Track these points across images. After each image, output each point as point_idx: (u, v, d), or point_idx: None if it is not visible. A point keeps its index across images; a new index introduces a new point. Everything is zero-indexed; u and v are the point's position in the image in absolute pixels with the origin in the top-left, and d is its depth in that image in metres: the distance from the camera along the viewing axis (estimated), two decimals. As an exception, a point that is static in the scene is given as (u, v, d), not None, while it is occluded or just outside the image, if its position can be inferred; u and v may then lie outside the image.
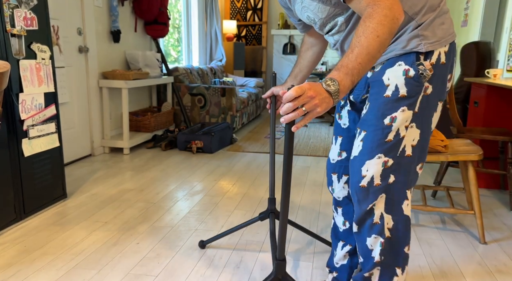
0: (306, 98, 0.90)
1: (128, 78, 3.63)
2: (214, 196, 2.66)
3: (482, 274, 1.76)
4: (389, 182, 1.16)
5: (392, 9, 0.95)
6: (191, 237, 2.05)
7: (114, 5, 3.75)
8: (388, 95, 1.12)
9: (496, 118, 2.81)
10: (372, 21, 0.95)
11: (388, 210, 1.19)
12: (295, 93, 0.89)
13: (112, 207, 2.43)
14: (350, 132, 1.37)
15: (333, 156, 1.43)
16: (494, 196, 2.76)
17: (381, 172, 1.15)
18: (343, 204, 1.45)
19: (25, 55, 2.14)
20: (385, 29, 0.94)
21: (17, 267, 1.74)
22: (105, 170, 3.18)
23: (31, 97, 2.19)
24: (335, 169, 1.42)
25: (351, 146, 1.37)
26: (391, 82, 1.12)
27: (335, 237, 1.52)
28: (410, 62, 1.10)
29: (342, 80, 0.93)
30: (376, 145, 1.14)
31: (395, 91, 1.11)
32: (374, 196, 1.17)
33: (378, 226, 1.20)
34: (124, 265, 1.78)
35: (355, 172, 1.19)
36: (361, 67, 0.94)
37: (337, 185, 1.43)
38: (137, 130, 4.10)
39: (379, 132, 1.13)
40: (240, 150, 3.94)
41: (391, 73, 1.12)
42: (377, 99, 1.14)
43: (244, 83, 6.29)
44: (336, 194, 1.45)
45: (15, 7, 2.07)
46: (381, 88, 1.13)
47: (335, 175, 1.42)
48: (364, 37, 0.94)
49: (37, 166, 2.27)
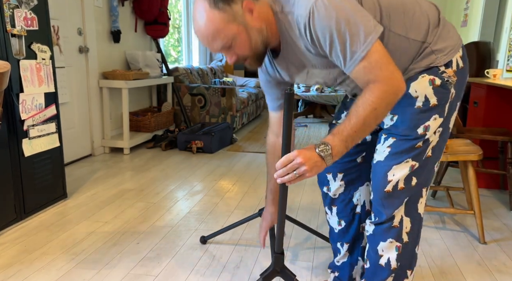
0: (296, 165, 0.99)
1: (128, 78, 3.63)
2: (214, 196, 2.66)
3: (482, 274, 1.76)
4: (411, 184, 1.17)
5: (393, 84, 0.99)
6: (191, 237, 2.06)
7: (114, 5, 3.75)
8: (420, 106, 1.13)
9: (495, 118, 2.81)
10: (372, 95, 0.98)
11: (407, 212, 1.21)
12: (284, 161, 1.00)
13: (112, 207, 2.43)
14: None
15: None
16: (494, 196, 2.76)
17: (407, 175, 1.16)
18: (338, 201, 1.44)
19: (25, 55, 2.14)
20: (383, 104, 0.99)
21: (17, 267, 1.74)
22: (105, 170, 3.18)
23: (31, 97, 2.20)
24: (329, 169, 1.40)
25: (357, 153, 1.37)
26: (419, 93, 1.12)
27: (333, 240, 1.52)
28: (434, 73, 1.11)
29: (336, 146, 0.99)
30: (406, 151, 1.15)
31: (425, 101, 1.12)
32: (399, 200, 1.19)
33: (396, 230, 1.21)
34: (124, 265, 1.78)
35: (380, 177, 1.19)
36: (355, 135, 1.00)
37: (333, 184, 1.42)
38: (137, 130, 4.10)
39: (412, 141, 1.14)
40: (240, 150, 3.95)
41: (417, 85, 1.12)
42: (407, 111, 1.14)
43: (244, 83, 6.30)
44: (333, 192, 1.43)
45: (15, 7, 2.07)
46: (410, 100, 1.13)
47: (330, 175, 1.41)
48: (363, 108, 0.98)
49: (37, 166, 2.28)
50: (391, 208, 1.19)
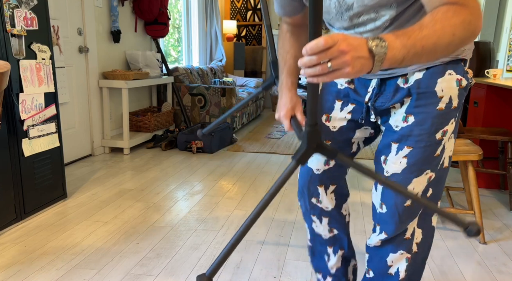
0: (336, 52, 0.69)
1: (128, 78, 3.63)
2: (214, 196, 2.66)
3: (482, 274, 1.76)
4: (427, 195, 1.08)
5: (478, 20, 0.80)
6: (191, 237, 2.06)
7: (114, 5, 3.75)
8: (442, 108, 1.00)
9: (496, 118, 2.81)
10: (456, 18, 0.77)
11: (420, 225, 1.13)
12: (323, 44, 0.69)
13: (112, 207, 2.43)
14: (342, 136, 1.19)
15: (316, 166, 1.23)
16: (494, 196, 2.76)
17: (424, 187, 1.06)
18: (331, 214, 1.30)
19: (25, 55, 2.14)
20: (462, 36, 0.78)
21: (17, 267, 1.74)
22: (105, 170, 3.18)
23: (31, 97, 2.19)
24: (322, 181, 1.24)
25: (344, 152, 1.22)
26: (445, 93, 0.99)
27: (320, 244, 1.39)
28: (461, 71, 1.01)
29: (394, 48, 0.73)
30: (426, 161, 1.03)
31: (449, 103, 1.00)
32: (416, 214, 1.10)
33: (408, 241, 1.13)
34: (124, 265, 1.78)
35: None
36: (418, 51, 0.75)
37: (325, 197, 1.27)
38: (137, 130, 4.10)
39: (430, 148, 1.02)
40: (240, 150, 3.94)
41: (444, 83, 0.99)
42: (429, 112, 1.00)
43: (244, 83, 6.29)
44: (324, 204, 1.29)
45: (15, 7, 2.07)
46: (433, 100, 1.00)
47: (322, 188, 1.25)
48: (441, 25, 0.76)
49: (37, 166, 2.28)
50: (406, 222, 1.10)
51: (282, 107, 1.15)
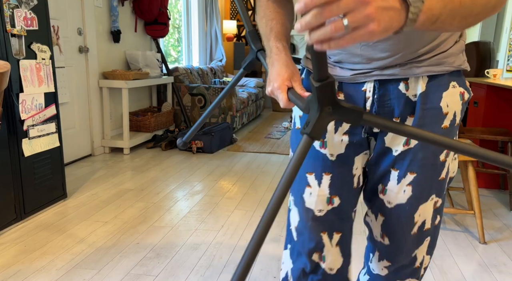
0: (352, 2, 0.49)
1: (128, 78, 3.63)
2: (214, 196, 2.66)
3: (482, 274, 1.76)
4: (435, 223, 0.96)
5: None
6: (191, 237, 2.06)
7: (114, 5, 3.75)
8: (447, 126, 0.87)
9: (496, 118, 2.81)
10: None
11: (429, 252, 1.02)
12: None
13: (112, 207, 2.43)
14: (344, 167, 0.92)
15: (318, 206, 0.92)
16: (494, 196, 2.76)
17: (432, 214, 0.94)
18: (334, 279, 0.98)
19: (25, 55, 2.14)
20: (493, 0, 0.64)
21: (17, 267, 1.74)
22: (105, 170, 3.18)
23: (31, 97, 2.19)
24: (325, 226, 0.93)
25: (346, 189, 0.93)
26: (450, 109, 0.86)
27: None
28: (463, 83, 0.89)
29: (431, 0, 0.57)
30: (432, 186, 0.91)
31: (453, 119, 0.88)
32: (421, 241, 0.97)
33: (417, 269, 1.02)
34: (124, 265, 1.78)
35: (403, 221, 0.92)
36: (455, 9, 0.60)
37: (330, 250, 0.95)
38: (137, 130, 4.10)
39: (435, 172, 0.90)
40: (240, 150, 3.95)
41: (449, 98, 0.86)
42: (434, 132, 0.81)
43: (244, 83, 6.30)
44: (329, 263, 0.95)
45: (15, 7, 2.07)
46: (438, 117, 0.86)
47: (325, 234, 0.94)
48: None
49: (37, 166, 2.28)
50: (412, 251, 0.97)
51: (275, 77, 0.84)
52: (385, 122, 0.67)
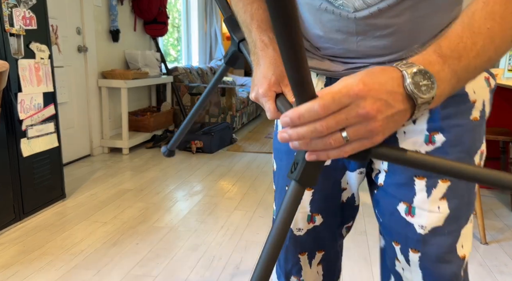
0: (355, 117, 0.43)
1: (128, 78, 3.62)
2: (214, 196, 2.65)
3: (483, 275, 1.75)
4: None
5: None
6: (190, 238, 2.05)
7: (113, 4, 3.74)
8: (477, 118, 0.68)
9: (497, 118, 2.80)
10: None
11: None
12: (332, 106, 0.42)
13: (112, 207, 2.42)
14: (328, 179, 0.78)
15: (297, 224, 0.81)
16: (495, 196, 2.75)
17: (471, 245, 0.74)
18: None
19: (24, 54, 2.13)
20: None
21: (16, 268, 1.73)
22: (104, 170, 3.17)
23: (30, 97, 2.18)
24: (304, 246, 0.82)
25: (331, 205, 0.81)
26: (477, 97, 0.68)
27: None
28: None
29: (443, 80, 0.47)
30: (470, 200, 0.71)
31: (482, 111, 0.69)
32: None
33: None
34: (123, 265, 1.77)
35: (444, 254, 0.69)
36: (468, 77, 0.51)
37: (309, 273, 0.84)
38: (136, 130, 4.08)
39: None
40: (240, 150, 3.94)
41: (473, 83, 0.68)
42: (463, 125, 0.67)
43: (244, 83, 6.29)
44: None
45: (14, 6, 2.06)
46: (466, 106, 0.67)
47: (304, 256, 0.83)
48: (500, 19, 0.49)
49: (36, 166, 2.26)
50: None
51: (260, 80, 0.66)
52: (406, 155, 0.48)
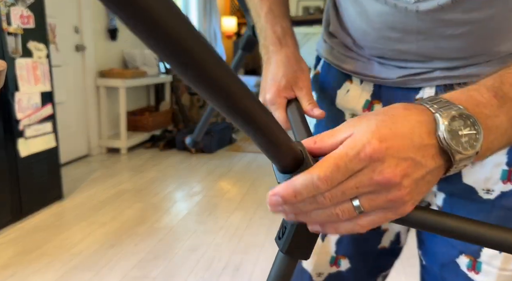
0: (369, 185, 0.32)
1: (126, 77, 3.60)
2: (214, 197, 2.64)
3: (484, 276, 1.75)
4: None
5: None
6: (190, 239, 2.03)
7: (112, 3, 3.72)
8: None
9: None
10: None
11: None
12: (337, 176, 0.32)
13: (110, 208, 2.40)
14: None
15: (317, 267, 0.67)
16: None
17: None
18: None
19: (21, 53, 2.11)
20: None
21: (14, 269, 1.72)
22: (102, 171, 3.16)
23: (27, 96, 2.17)
24: None
25: (365, 250, 0.67)
26: None
27: None
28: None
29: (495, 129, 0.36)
30: None
31: None
32: None
33: None
34: (122, 267, 1.75)
35: None
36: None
37: None
38: (135, 130, 4.06)
39: None
40: (239, 150, 3.92)
41: None
42: None
43: (242, 82, 6.27)
44: None
45: (11, 5, 2.04)
46: None
47: None
48: None
49: (33, 167, 2.25)
50: None
51: (269, 83, 0.57)
52: (452, 222, 0.35)
